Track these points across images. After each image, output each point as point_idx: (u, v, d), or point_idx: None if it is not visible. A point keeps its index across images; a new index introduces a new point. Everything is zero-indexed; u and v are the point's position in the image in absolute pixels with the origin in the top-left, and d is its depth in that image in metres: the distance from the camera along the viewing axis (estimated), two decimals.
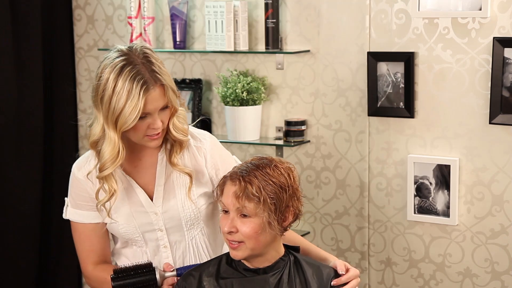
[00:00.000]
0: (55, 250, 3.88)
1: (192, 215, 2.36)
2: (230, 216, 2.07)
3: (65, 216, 2.42)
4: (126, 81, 2.14)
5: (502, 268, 3.04)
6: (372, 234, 3.28)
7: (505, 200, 2.99)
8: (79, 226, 2.39)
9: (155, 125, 2.21)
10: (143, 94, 2.14)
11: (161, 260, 2.38)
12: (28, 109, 3.66)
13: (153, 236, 2.37)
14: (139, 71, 2.16)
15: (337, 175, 3.32)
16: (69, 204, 2.40)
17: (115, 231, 2.38)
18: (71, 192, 2.39)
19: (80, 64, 3.89)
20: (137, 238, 2.37)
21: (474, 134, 3.01)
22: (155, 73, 2.18)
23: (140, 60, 2.18)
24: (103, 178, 2.25)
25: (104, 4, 3.76)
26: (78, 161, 2.38)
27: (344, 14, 3.20)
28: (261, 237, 2.06)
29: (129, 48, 2.22)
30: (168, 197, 2.35)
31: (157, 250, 2.38)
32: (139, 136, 2.24)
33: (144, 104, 2.16)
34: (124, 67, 2.16)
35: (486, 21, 2.92)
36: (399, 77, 3.11)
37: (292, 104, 3.37)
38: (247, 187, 2.04)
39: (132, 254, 2.41)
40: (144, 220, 2.34)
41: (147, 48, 2.24)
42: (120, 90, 2.14)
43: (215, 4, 3.35)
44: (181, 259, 2.39)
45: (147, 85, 2.15)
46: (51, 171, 3.84)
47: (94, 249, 2.39)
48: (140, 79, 2.15)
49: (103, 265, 2.39)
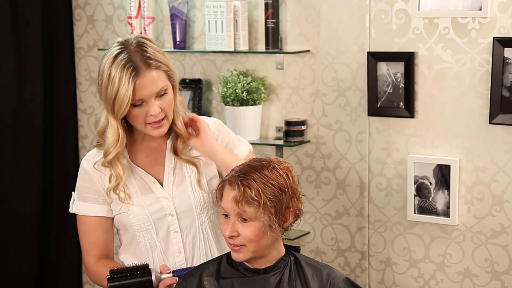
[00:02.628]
0: (55, 250, 3.88)
1: (202, 199, 2.40)
2: (230, 220, 2.07)
3: (71, 210, 2.46)
4: (118, 68, 2.23)
5: (502, 268, 3.04)
6: (372, 234, 3.28)
7: (505, 200, 2.99)
8: (84, 218, 2.43)
9: (152, 111, 2.26)
10: (132, 80, 2.21)
11: (172, 246, 2.40)
12: (28, 109, 3.66)
13: (164, 222, 2.39)
14: (130, 57, 2.23)
15: (337, 175, 3.32)
16: (76, 197, 2.45)
17: (125, 222, 2.40)
18: (78, 185, 2.44)
19: (80, 64, 3.89)
20: (148, 227, 2.39)
21: (474, 134, 3.02)
22: (148, 59, 2.25)
23: (133, 48, 2.26)
24: (109, 163, 2.32)
25: (104, 4, 3.76)
26: (87, 155, 2.44)
27: (344, 14, 3.20)
28: (262, 240, 2.06)
29: (126, 39, 2.31)
30: (178, 181, 2.39)
31: (167, 236, 2.40)
32: (140, 124, 2.30)
33: (135, 90, 2.22)
34: (117, 56, 2.25)
35: (486, 21, 2.92)
36: (399, 77, 3.11)
37: (292, 104, 3.37)
38: (246, 192, 2.03)
39: (139, 253, 2.43)
40: (155, 207, 2.38)
41: (143, 37, 2.32)
42: (113, 78, 2.23)
43: (215, 4, 3.35)
44: (191, 244, 2.41)
45: (137, 71, 2.22)
46: (51, 171, 3.84)
47: (97, 242, 2.42)
48: (130, 66, 2.22)
49: (104, 260, 2.41)
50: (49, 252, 3.87)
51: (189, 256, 2.41)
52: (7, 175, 3.58)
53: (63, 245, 3.90)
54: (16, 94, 3.59)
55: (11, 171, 3.60)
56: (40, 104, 3.72)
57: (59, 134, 3.86)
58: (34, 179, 3.73)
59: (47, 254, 3.86)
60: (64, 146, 3.88)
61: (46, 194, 3.81)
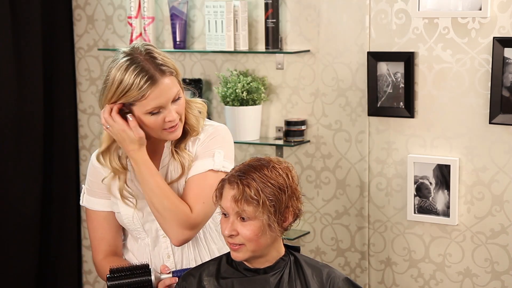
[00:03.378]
0: (55, 250, 3.88)
1: None
2: (230, 220, 2.07)
3: (81, 202, 2.49)
4: (131, 77, 2.22)
5: (502, 268, 3.04)
6: (372, 234, 3.28)
7: (505, 200, 2.99)
8: (92, 214, 2.45)
9: (171, 117, 2.27)
10: (147, 88, 2.22)
11: (160, 250, 2.41)
12: (28, 109, 3.66)
13: (153, 226, 2.40)
14: (144, 67, 2.23)
15: (337, 175, 3.32)
16: (86, 191, 2.47)
17: (120, 222, 2.43)
18: (88, 180, 2.46)
19: (80, 64, 3.89)
20: (138, 229, 2.40)
21: (474, 134, 3.02)
22: (160, 66, 2.25)
23: (143, 57, 2.25)
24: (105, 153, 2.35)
25: (104, 4, 3.76)
26: (97, 151, 2.45)
27: (344, 14, 3.20)
28: (261, 240, 2.06)
29: (131, 48, 2.29)
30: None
31: (156, 240, 2.41)
32: (157, 130, 2.30)
33: (152, 98, 2.22)
34: (128, 66, 2.23)
35: (486, 21, 2.92)
36: (399, 77, 3.11)
37: (292, 104, 3.37)
38: (245, 191, 2.03)
39: (138, 249, 2.44)
40: (144, 211, 2.38)
41: (148, 45, 2.31)
42: (126, 85, 2.22)
43: (215, 4, 3.35)
44: (180, 249, 2.41)
45: (153, 79, 2.22)
46: (51, 171, 3.84)
47: (105, 237, 2.44)
48: (144, 75, 2.22)
49: (112, 258, 2.43)
50: (49, 252, 3.87)
51: (178, 261, 2.41)
52: (7, 175, 3.58)
53: (63, 245, 3.90)
54: (16, 94, 3.59)
55: (11, 171, 3.60)
56: (40, 104, 3.72)
57: (59, 134, 3.86)
58: (34, 179, 3.73)
59: (47, 254, 3.86)
60: (64, 146, 3.88)
61: (46, 194, 3.81)
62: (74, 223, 3.91)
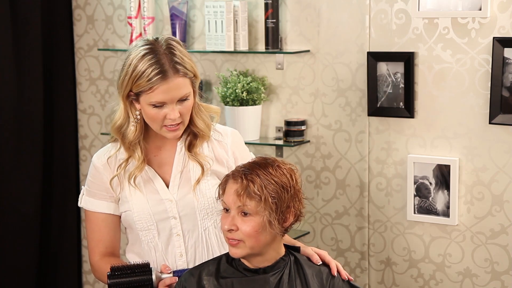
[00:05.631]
0: (55, 250, 3.88)
1: (206, 204, 2.39)
2: (231, 214, 2.08)
3: (80, 204, 2.48)
4: (144, 66, 2.22)
5: (502, 268, 3.04)
6: (372, 234, 3.28)
7: (505, 200, 2.99)
8: (91, 215, 2.44)
9: (172, 115, 2.27)
10: (157, 81, 2.22)
11: (173, 249, 2.40)
12: (28, 109, 3.66)
13: (167, 224, 2.39)
14: (159, 60, 2.23)
15: (337, 175, 3.32)
16: (85, 192, 2.46)
17: (129, 220, 2.41)
18: (88, 181, 2.45)
19: (80, 64, 3.89)
20: (150, 227, 2.39)
21: (474, 134, 3.02)
22: (176, 64, 2.24)
23: (162, 50, 2.26)
24: (131, 146, 2.34)
25: (104, 4, 3.76)
26: (99, 151, 2.45)
27: (344, 14, 3.20)
28: (261, 236, 2.07)
29: (155, 39, 2.30)
30: (184, 185, 2.38)
31: (169, 239, 2.40)
32: (157, 125, 2.30)
33: (158, 92, 2.23)
34: (145, 55, 2.24)
35: (486, 21, 2.92)
36: (399, 77, 3.11)
37: (292, 104, 3.37)
38: (249, 185, 2.05)
39: (142, 253, 2.43)
40: (159, 208, 2.38)
41: (173, 40, 2.31)
42: (139, 73, 2.23)
43: (215, 4, 3.36)
44: (193, 248, 2.40)
45: (164, 75, 2.22)
46: (51, 171, 3.84)
47: (103, 239, 2.43)
48: (157, 67, 2.22)
49: (109, 258, 2.42)
50: (49, 252, 3.87)
51: (190, 260, 2.40)
52: (7, 175, 3.59)
53: (63, 245, 3.90)
54: (16, 94, 3.59)
55: (11, 171, 3.60)
56: (40, 104, 3.72)
57: (59, 134, 3.86)
58: (34, 179, 3.73)
59: (47, 254, 3.86)
60: (64, 146, 3.88)
61: (46, 194, 3.81)
62: (74, 223, 3.92)
